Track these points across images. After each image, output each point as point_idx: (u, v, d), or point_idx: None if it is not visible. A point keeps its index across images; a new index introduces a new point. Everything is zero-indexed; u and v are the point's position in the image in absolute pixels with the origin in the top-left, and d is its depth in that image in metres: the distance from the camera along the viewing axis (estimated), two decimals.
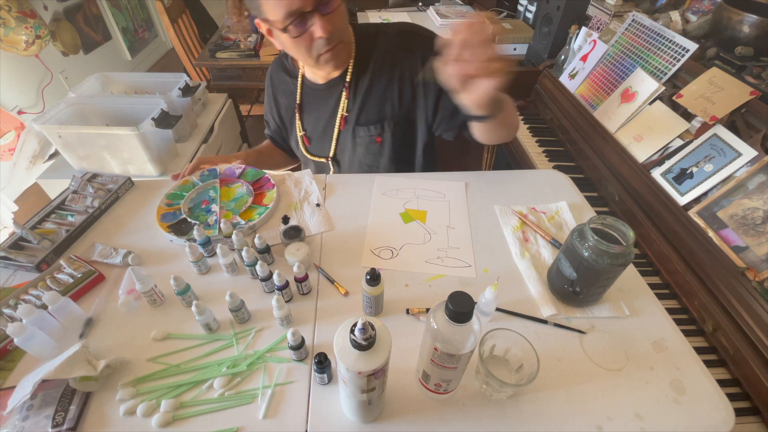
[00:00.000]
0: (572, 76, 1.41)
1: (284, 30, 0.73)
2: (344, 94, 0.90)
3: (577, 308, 0.64)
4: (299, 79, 0.95)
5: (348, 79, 0.88)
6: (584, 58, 1.38)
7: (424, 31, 0.88)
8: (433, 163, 1.07)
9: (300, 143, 1.02)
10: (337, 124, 0.94)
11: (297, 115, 0.98)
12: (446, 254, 0.75)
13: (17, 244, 0.74)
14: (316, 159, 1.03)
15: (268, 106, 1.07)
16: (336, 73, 0.89)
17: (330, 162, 1.02)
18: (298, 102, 0.97)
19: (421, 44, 0.86)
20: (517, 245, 0.75)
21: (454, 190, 0.89)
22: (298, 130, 1.00)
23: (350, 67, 0.88)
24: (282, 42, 0.79)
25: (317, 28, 0.73)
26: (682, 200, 0.92)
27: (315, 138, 1.01)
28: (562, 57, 1.52)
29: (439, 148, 1.08)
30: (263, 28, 0.78)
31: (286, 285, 0.64)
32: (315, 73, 0.91)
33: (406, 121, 0.93)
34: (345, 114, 0.92)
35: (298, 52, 0.80)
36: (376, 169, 1.00)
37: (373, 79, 0.89)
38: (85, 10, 2.60)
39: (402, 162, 1.00)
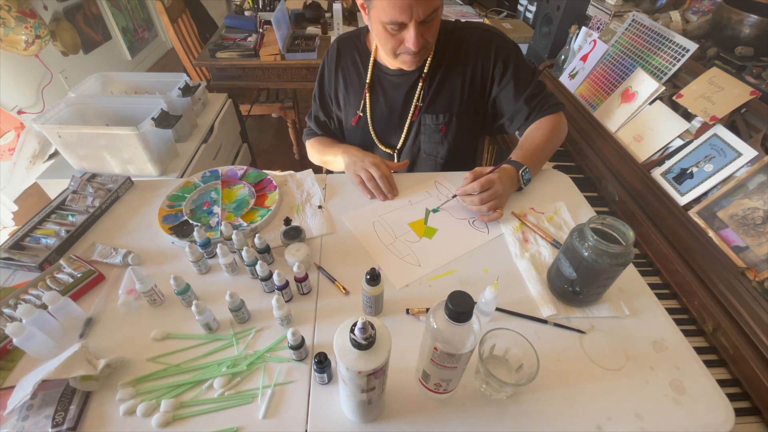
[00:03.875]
0: (572, 76, 1.41)
1: (382, 26, 0.77)
2: (420, 84, 0.91)
3: (577, 308, 0.64)
4: (371, 61, 0.94)
5: (426, 71, 0.90)
6: (584, 58, 1.38)
7: (502, 34, 0.92)
8: (476, 152, 1.11)
9: (370, 126, 0.99)
10: (410, 114, 0.95)
11: (367, 95, 0.96)
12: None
13: (19, 245, 0.74)
14: (383, 148, 1.01)
15: (327, 82, 1.01)
16: (410, 69, 0.90)
17: (396, 154, 1.02)
18: (368, 81, 0.95)
19: (497, 45, 0.89)
20: (517, 246, 0.75)
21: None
22: (367, 112, 0.97)
23: (429, 60, 0.89)
24: (371, 26, 0.81)
25: (410, 40, 0.76)
26: (683, 200, 0.92)
27: (381, 123, 1.00)
28: (562, 57, 1.52)
29: None
30: (359, 1, 0.79)
31: (286, 285, 0.64)
32: (389, 60, 0.91)
33: (471, 112, 0.95)
34: (420, 104, 0.93)
35: (383, 44, 0.82)
36: (434, 158, 1.01)
37: (448, 71, 0.91)
38: (85, 10, 2.60)
39: (462, 152, 1.02)
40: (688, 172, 0.93)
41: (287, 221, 0.75)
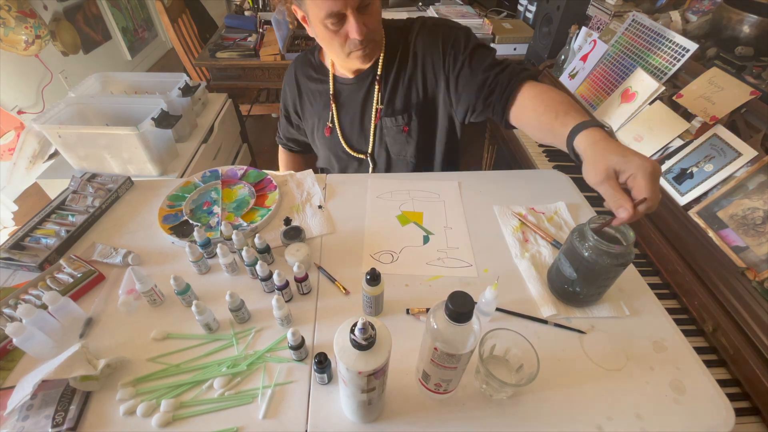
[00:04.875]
0: (572, 76, 1.41)
1: (323, 25, 0.77)
2: (377, 87, 0.92)
3: (577, 308, 0.64)
4: (330, 75, 0.95)
5: (379, 72, 0.90)
6: (584, 58, 1.38)
7: (449, 22, 0.90)
8: (456, 151, 1.07)
9: (339, 136, 1.00)
10: (373, 117, 0.95)
11: (333, 108, 0.97)
12: (446, 255, 0.74)
13: (19, 245, 0.74)
14: (355, 154, 1.02)
15: (290, 102, 1.06)
16: (365, 66, 0.90)
17: (368, 158, 1.02)
18: (332, 93, 0.96)
19: (444, 34, 0.87)
20: (517, 246, 0.75)
21: (447, 190, 0.89)
22: (336, 125, 0.99)
23: (380, 60, 0.89)
24: (315, 33, 0.82)
25: (353, 30, 0.76)
26: (683, 200, 0.92)
27: (349, 131, 1.01)
28: (562, 57, 1.52)
29: None
30: (299, 15, 0.82)
31: (286, 285, 0.64)
32: (344, 67, 0.92)
33: (431, 109, 0.95)
34: (380, 107, 0.94)
35: (331, 46, 0.82)
36: (403, 158, 1.01)
37: (400, 69, 0.91)
38: (85, 10, 2.60)
39: (429, 150, 1.01)
40: (688, 172, 0.93)
41: (287, 221, 0.75)
